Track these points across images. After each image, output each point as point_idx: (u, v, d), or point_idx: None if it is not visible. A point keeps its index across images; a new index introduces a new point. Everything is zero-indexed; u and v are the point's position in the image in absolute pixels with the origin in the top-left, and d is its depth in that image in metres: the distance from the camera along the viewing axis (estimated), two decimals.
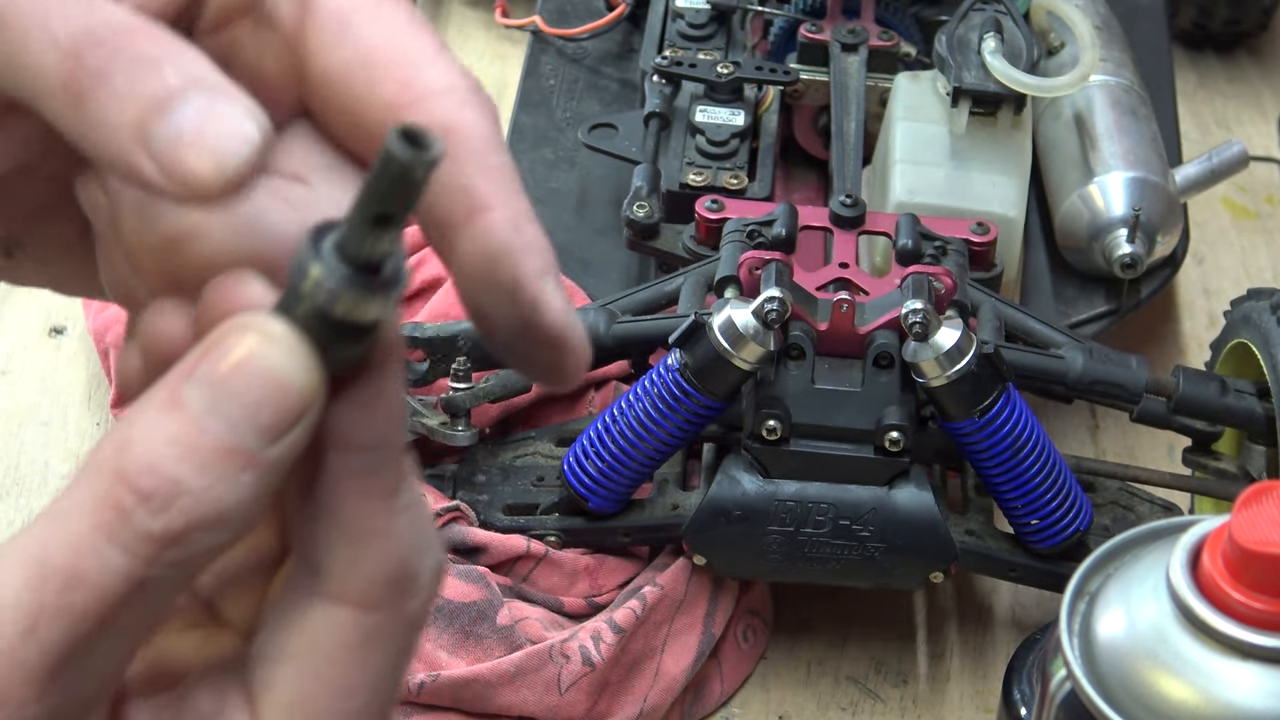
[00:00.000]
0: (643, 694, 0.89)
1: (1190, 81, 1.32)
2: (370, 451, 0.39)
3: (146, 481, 0.36)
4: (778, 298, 0.84)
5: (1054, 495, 0.88)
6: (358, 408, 0.39)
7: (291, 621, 0.39)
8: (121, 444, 0.37)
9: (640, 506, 0.91)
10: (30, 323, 1.09)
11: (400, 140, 0.36)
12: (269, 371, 0.37)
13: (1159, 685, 0.65)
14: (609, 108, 1.16)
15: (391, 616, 0.39)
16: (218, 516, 0.37)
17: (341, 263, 0.37)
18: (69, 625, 0.36)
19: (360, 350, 0.38)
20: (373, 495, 0.39)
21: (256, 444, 0.37)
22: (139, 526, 0.36)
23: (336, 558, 0.39)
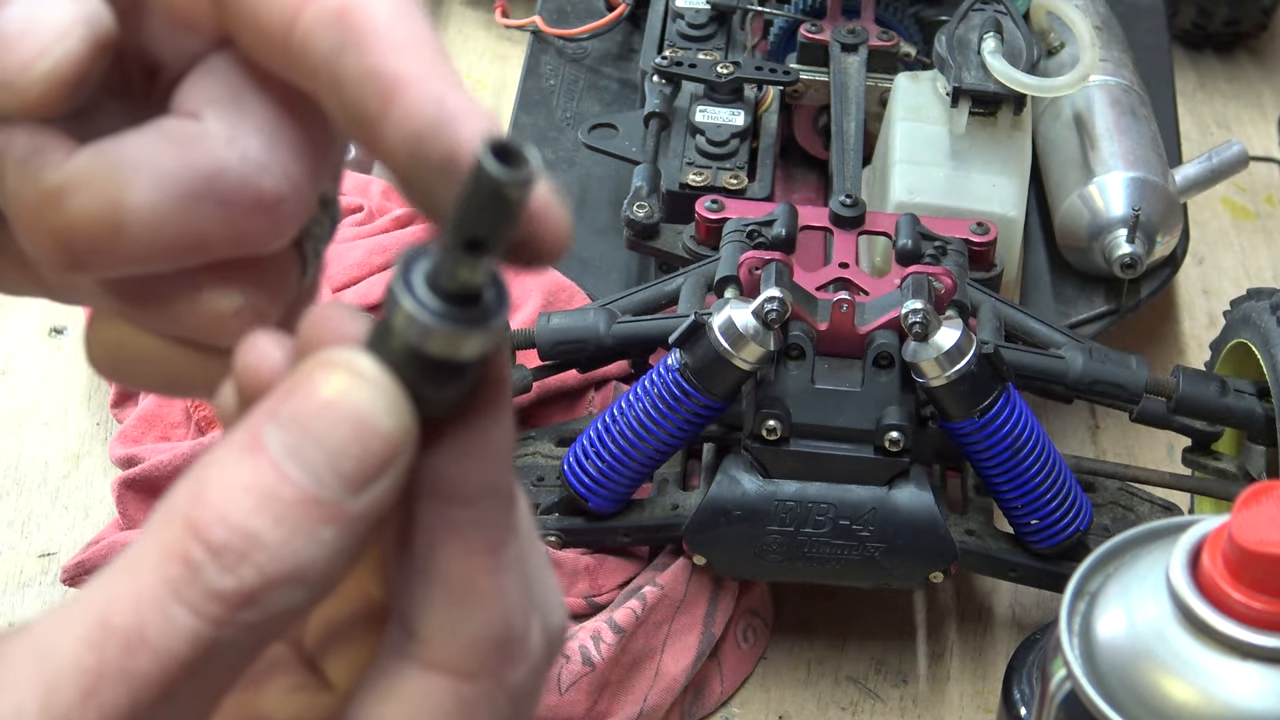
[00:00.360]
0: (643, 694, 0.89)
1: (1190, 81, 1.32)
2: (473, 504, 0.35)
3: (218, 533, 0.33)
4: (778, 298, 0.84)
5: (1054, 495, 0.88)
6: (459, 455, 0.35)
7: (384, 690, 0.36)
8: (195, 490, 0.34)
9: (640, 506, 0.91)
10: (30, 323, 1.09)
11: (491, 157, 0.32)
12: (355, 413, 0.34)
13: (1159, 685, 0.65)
14: (609, 108, 1.16)
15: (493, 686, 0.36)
16: (295, 575, 0.33)
17: (435, 295, 0.34)
18: (130, 690, 0.33)
19: (460, 391, 0.35)
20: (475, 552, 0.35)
21: (340, 494, 0.33)
22: (208, 584, 0.33)
23: (434, 620, 0.35)
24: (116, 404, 1.01)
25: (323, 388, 0.34)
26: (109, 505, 0.95)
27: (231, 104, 0.38)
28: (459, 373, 0.35)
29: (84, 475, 1.01)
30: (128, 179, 0.36)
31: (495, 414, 0.36)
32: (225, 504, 0.33)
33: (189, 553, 0.33)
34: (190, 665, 0.33)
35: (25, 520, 0.98)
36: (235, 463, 0.34)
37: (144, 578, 0.33)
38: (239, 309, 0.39)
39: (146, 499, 0.93)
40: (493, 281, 0.34)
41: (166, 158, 0.36)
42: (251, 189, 0.37)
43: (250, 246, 0.38)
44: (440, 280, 0.34)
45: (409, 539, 0.36)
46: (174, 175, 0.36)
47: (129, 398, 1.01)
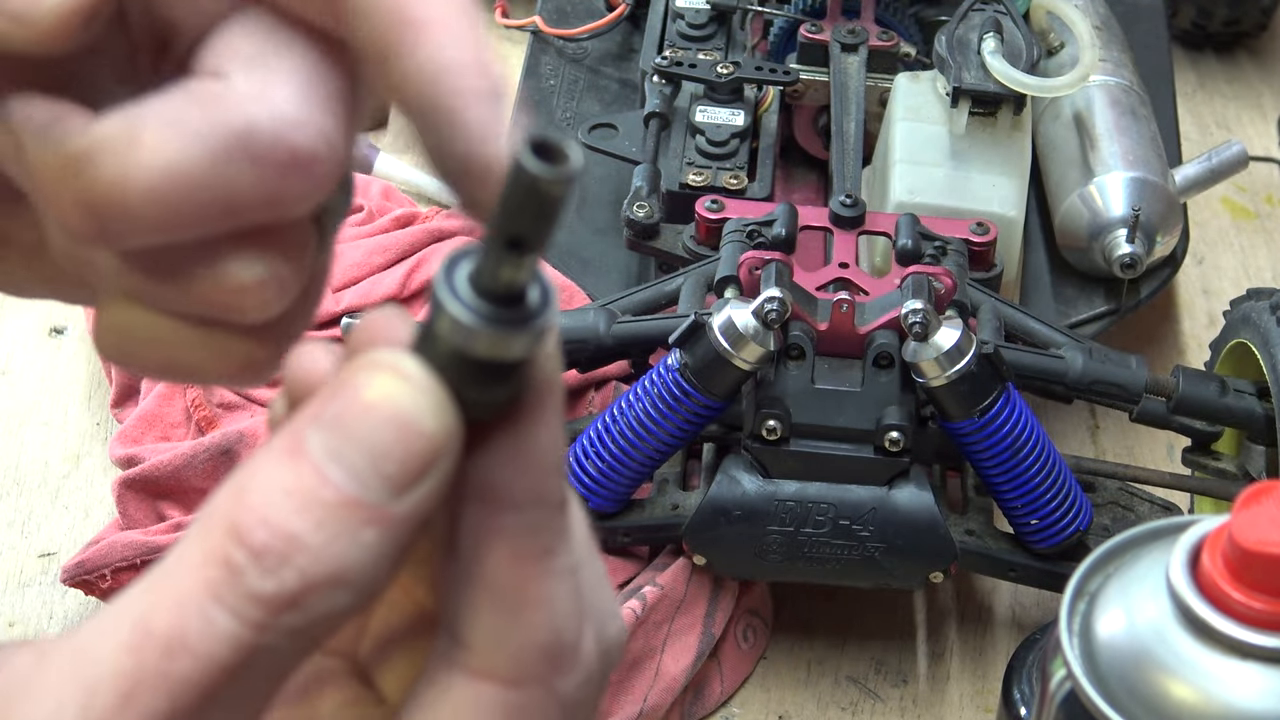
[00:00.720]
0: (643, 694, 0.89)
1: (1190, 81, 1.32)
2: (523, 509, 0.35)
3: (259, 536, 0.33)
4: (778, 298, 0.84)
5: (1054, 495, 0.88)
6: (507, 459, 0.35)
7: (433, 699, 0.35)
8: (237, 493, 0.33)
9: (640, 506, 0.91)
10: (30, 323, 1.09)
11: (531, 154, 0.32)
12: (397, 414, 0.33)
13: (1159, 685, 0.65)
14: (609, 108, 1.16)
15: (543, 694, 0.35)
16: (337, 578, 0.33)
17: (478, 296, 0.33)
18: (170, 695, 0.32)
19: (507, 393, 0.34)
20: (524, 558, 0.35)
21: (382, 496, 0.33)
22: (249, 587, 0.32)
23: (482, 628, 0.35)
24: (116, 404, 1.01)
25: (365, 390, 0.34)
26: (109, 505, 0.95)
27: (258, 60, 0.37)
28: (505, 374, 0.34)
29: (84, 475, 1.01)
30: (156, 140, 0.35)
31: (543, 417, 0.35)
32: (266, 507, 0.33)
33: (230, 556, 0.33)
34: (231, 670, 0.33)
35: (25, 520, 0.98)
36: (277, 466, 0.33)
37: (184, 581, 0.33)
38: (261, 280, 0.38)
39: (146, 499, 0.93)
40: (536, 280, 0.34)
41: (194, 117, 0.36)
42: (285, 145, 0.36)
43: (284, 208, 0.37)
44: (483, 281, 0.33)
45: (456, 545, 0.35)
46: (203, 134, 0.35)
47: (129, 398, 1.01)
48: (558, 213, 0.33)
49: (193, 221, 0.36)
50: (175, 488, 0.93)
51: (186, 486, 0.93)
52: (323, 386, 0.35)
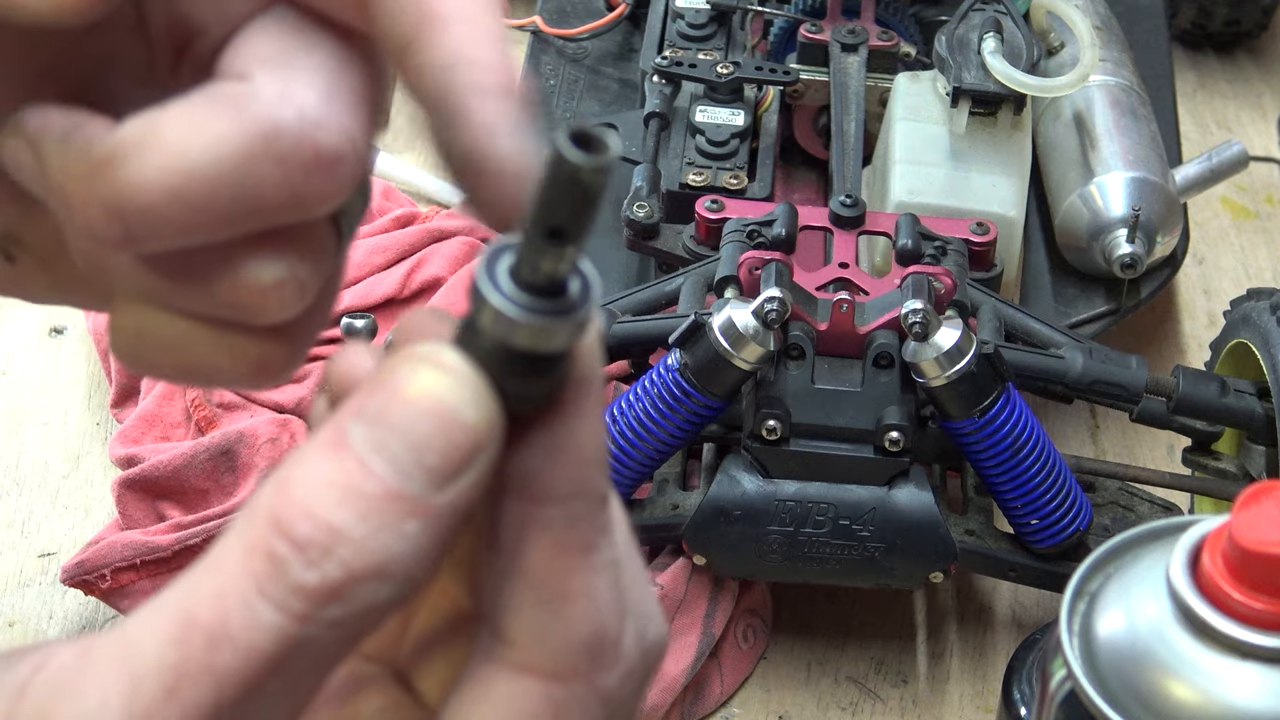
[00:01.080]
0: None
1: (1190, 81, 1.32)
2: (564, 502, 0.35)
3: (303, 529, 0.33)
4: (778, 298, 0.84)
5: (1054, 495, 0.88)
6: (549, 453, 0.35)
7: (475, 694, 0.35)
8: (280, 486, 0.33)
9: (640, 506, 0.91)
10: (30, 323, 1.09)
11: (570, 144, 0.32)
12: (439, 406, 0.33)
13: (1159, 685, 0.65)
14: (609, 108, 1.16)
15: (585, 689, 0.35)
16: (381, 570, 0.33)
17: (518, 288, 0.33)
18: (214, 688, 0.32)
19: (548, 385, 0.35)
20: (567, 552, 0.35)
21: (424, 488, 0.33)
22: (293, 579, 0.32)
23: (524, 622, 0.35)
24: (116, 404, 1.01)
25: (408, 383, 0.34)
26: (109, 505, 0.95)
27: (282, 62, 0.37)
28: (546, 366, 0.34)
29: (84, 475, 1.01)
30: (181, 142, 0.36)
31: (584, 410, 0.35)
32: (309, 499, 0.33)
33: (273, 548, 0.33)
34: (275, 662, 0.33)
35: (25, 520, 0.98)
36: (319, 459, 0.33)
37: (228, 574, 0.33)
38: (281, 281, 0.38)
39: (146, 499, 0.93)
40: (576, 272, 0.34)
41: (219, 119, 0.36)
42: (309, 145, 0.36)
43: (308, 209, 0.37)
44: (523, 272, 0.33)
45: (498, 540, 0.35)
46: (229, 136, 0.36)
47: (129, 398, 1.01)
48: (597, 202, 0.33)
49: (218, 223, 0.37)
50: (175, 488, 0.93)
51: (186, 486, 0.93)
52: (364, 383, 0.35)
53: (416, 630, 0.40)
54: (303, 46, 0.37)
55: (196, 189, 0.36)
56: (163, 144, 0.36)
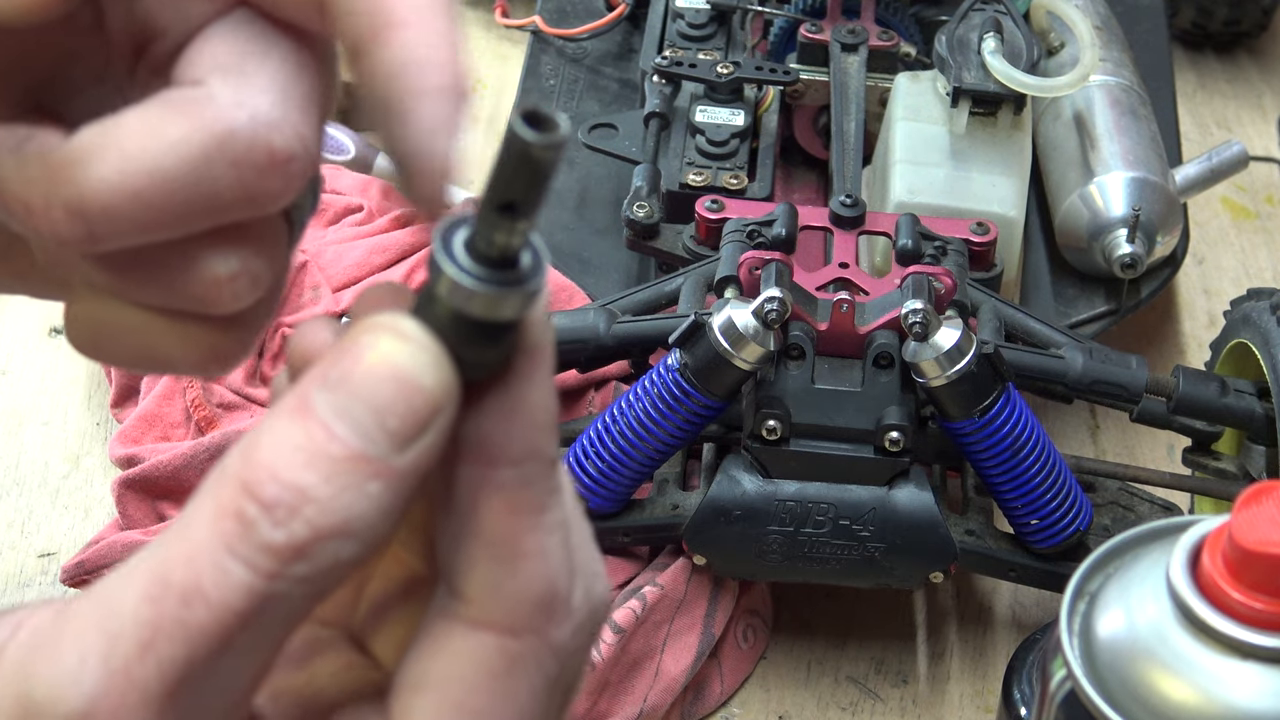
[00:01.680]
0: (643, 694, 0.89)
1: (1190, 81, 1.32)
2: (517, 465, 0.37)
3: (270, 490, 0.34)
4: (778, 298, 0.84)
5: (1054, 495, 0.88)
6: (502, 417, 0.36)
7: (432, 649, 0.37)
8: (248, 452, 0.35)
9: (640, 506, 0.91)
10: (30, 323, 1.09)
11: (523, 122, 0.34)
12: (399, 372, 0.35)
13: (1159, 685, 0.65)
14: (609, 108, 1.16)
15: (539, 643, 0.37)
16: (345, 528, 0.34)
17: (473, 260, 0.35)
18: (187, 643, 0.34)
19: (501, 353, 0.36)
20: (520, 513, 0.36)
21: (386, 450, 0.35)
22: (261, 538, 0.34)
23: (479, 580, 0.37)
24: (116, 404, 1.01)
25: (368, 351, 0.35)
26: (109, 505, 0.95)
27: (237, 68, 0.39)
28: (499, 334, 0.36)
29: (84, 475, 1.01)
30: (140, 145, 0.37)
31: (534, 376, 0.37)
32: (276, 462, 0.34)
33: (242, 509, 0.34)
34: (245, 617, 0.34)
35: (25, 520, 0.98)
36: (285, 425, 0.35)
37: (200, 535, 0.34)
38: (235, 274, 0.40)
39: (146, 499, 0.93)
40: (528, 245, 0.36)
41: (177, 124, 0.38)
42: (263, 147, 0.38)
43: (262, 206, 0.39)
44: (478, 245, 0.35)
45: (454, 502, 0.37)
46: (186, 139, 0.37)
47: (129, 398, 1.01)
48: (548, 178, 0.35)
49: (175, 221, 0.38)
50: (175, 488, 0.93)
51: (186, 486, 0.93)
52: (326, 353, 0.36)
53: (371, 596, 0.42)
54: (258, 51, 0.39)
55: (156, 189, 0.37)
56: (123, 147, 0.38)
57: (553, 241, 1.07)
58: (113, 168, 0.37)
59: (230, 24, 0.40)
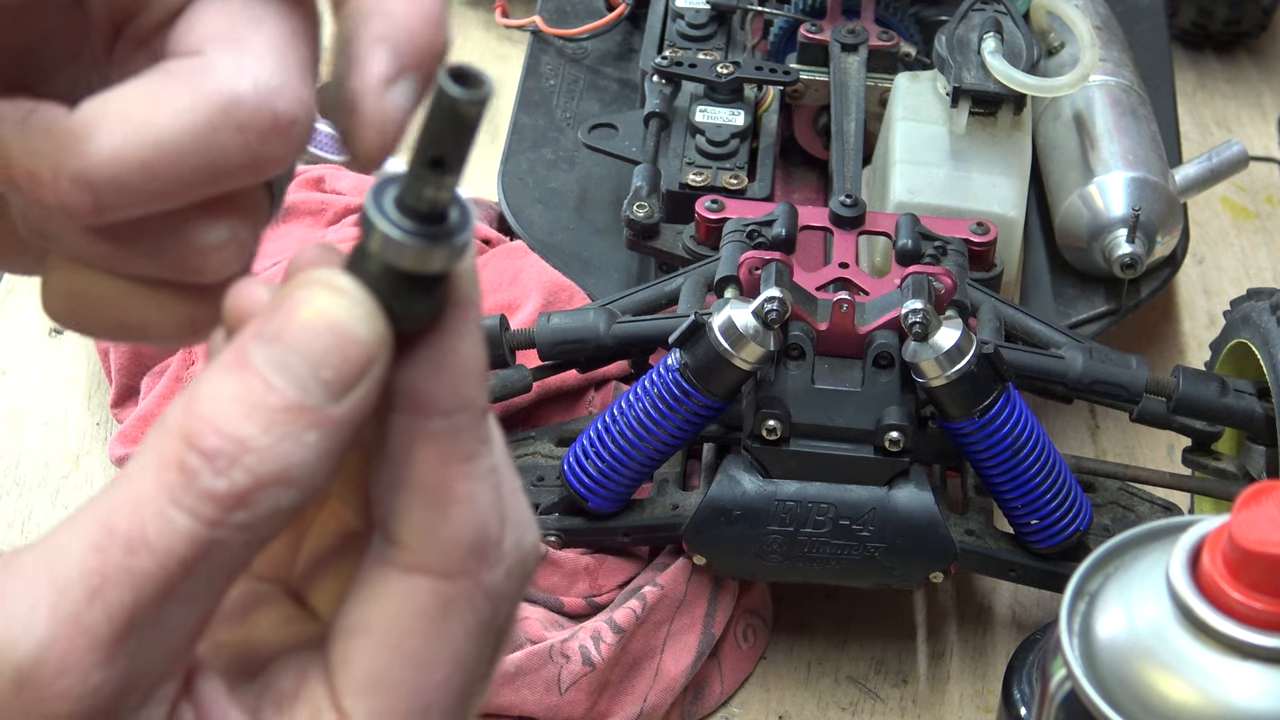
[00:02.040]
0: (643, 694, 0.89)
1: (1190, 81, 1.32)
2: (447, 414, 0.38)
3: (211, 441, 0.35)
4: (778, 298, 0.84)
5: (1054, 495, 0.88)
6: (433, 368, 0.38)
7: (369, 595, 0.38)
8: (189, 405, 0.36)
9: (640, 506, 0.91)
10: (30, 323, 1.09)
11: (450, 80, 0.35)
12: (333, 324, 0.36)
13: (1159, 685, 0.65)
14: (609, 108, 1.16)
15: (472, 586, 0.38)
16: (284, 476, 0.36)
17: (403, 214, 0.37)
18: (133, 589, 0.35)
19: (431, 305, 0.38)
20: (451, 460, 0.38)
21: (322, 400, 0.36)
22: (203, 487, 0.35)
23: (413, 526, 0.38)
24: (116, 404, 1.01)
25: (303, 305, 0.37)
26: None
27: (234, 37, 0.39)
28: (429, 287, 0.37)
29: (84, 475, 1.01)
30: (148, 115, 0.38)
31: (463, 328, 0.38)
32: (216, 414, 0.36)
33: (184, 460, 0.36)
34: (189, 564, 0.35)
35: (25, 520, 0.98)
36: (224, 379, 0.36)
37: (143, 486, 0.36)
38: (224, 242, 0.41)
39: None
40: (456, 201, 0.37)
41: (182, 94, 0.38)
42: (267, 113, 0.39)
43: (264, 171, 0.40)
44: (408, 200, 0.37)
45: (387, 452, 0.38)
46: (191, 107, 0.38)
47: (129, 398, 1.01)
48: (473, 133, 0.36)
49: (182, 190, 0.39)
50: None
51: None
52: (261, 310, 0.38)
53: (308, 551, 0.43)
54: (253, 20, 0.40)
55: (164, 158, 0.38)
56: (130, 118, 0.38)
57: (553, 241, 1.07)
58: (120, 138, 0.38)
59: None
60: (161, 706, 0.37)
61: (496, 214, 1.10)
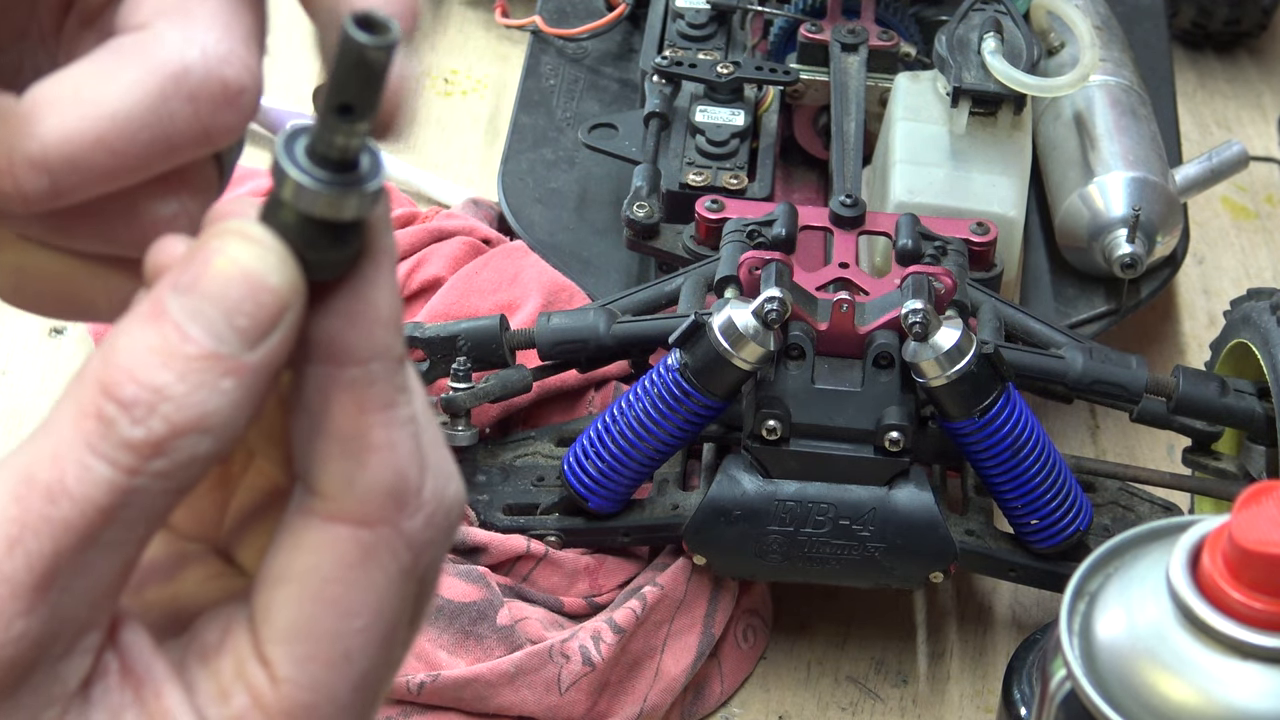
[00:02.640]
0: (643, 694, 0.89)
1: (1190, 81, 1.32)
2: (363, 362, 0.38)
3: (128, 390, 0.36)
4: (778, 298, 0.84)
5: (1054, 495, 0.88)
6: (348, 317, 0.38)
7: (290, 545, 0.39)
8: (106, 355, 0.36)
9: (640, 506, 0.91)
10: (30, 323, 1.09)
11: (355, 26, 0.36)
12: (247, 273, 0.37)
13: (1159, 685, 0.65)
14: (609, 108, 1.16)
15: (392, 533, 0.38)
16: (200, 423, 0.36)
17: (314, 163, 0.37)
18: (54, 538, 0.36)
19: (345, 254, 0.38)
20: (368, 409, 0.38)
21: (237, 347, 0.36)
22: (121, 435, 0.36)
23: (332, 475, 0.38)
24: None
25: (217, 255, 0.37)
26: None
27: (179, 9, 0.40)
28: (342, 234, 0.38)
29: None
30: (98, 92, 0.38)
31: (378, 277, 0.38)
32: (133, 364, 0.36)
33: (102, 409, 0.36)
34: (108, 512, 0.36)
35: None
36: (140, 329, 0.37)
37: (63, 436, 0.36)
38: (174, 216, 0.41)
39: None
40: (368, 150, 0.38)
41: (131, 67, 0.39)
42: (216, 81, 0.39)
43: (216, 141, 0.40)
44: (319, 149, 0.37)
45: (305, 403, 0.39)
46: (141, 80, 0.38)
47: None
48: (382, 79, 0.36)
49: (137, 165, 0.39)
50: None
51: None
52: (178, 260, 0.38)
53: (236, 508, 0.43)
54: None
55: (118, 133, 0.38)
56: (81, 96, 0.38)
57: (553, 241, 1.07)
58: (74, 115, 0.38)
59: None
60: (86, 657, 0.37)
61: (496, 214, 1.10)
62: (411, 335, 0.92)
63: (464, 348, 0.92)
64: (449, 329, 0.92)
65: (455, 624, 0.87)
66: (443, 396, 0.92)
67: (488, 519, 0.92)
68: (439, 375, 0.93)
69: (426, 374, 0.93)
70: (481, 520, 0.92)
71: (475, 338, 0.92)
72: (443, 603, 0.87)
